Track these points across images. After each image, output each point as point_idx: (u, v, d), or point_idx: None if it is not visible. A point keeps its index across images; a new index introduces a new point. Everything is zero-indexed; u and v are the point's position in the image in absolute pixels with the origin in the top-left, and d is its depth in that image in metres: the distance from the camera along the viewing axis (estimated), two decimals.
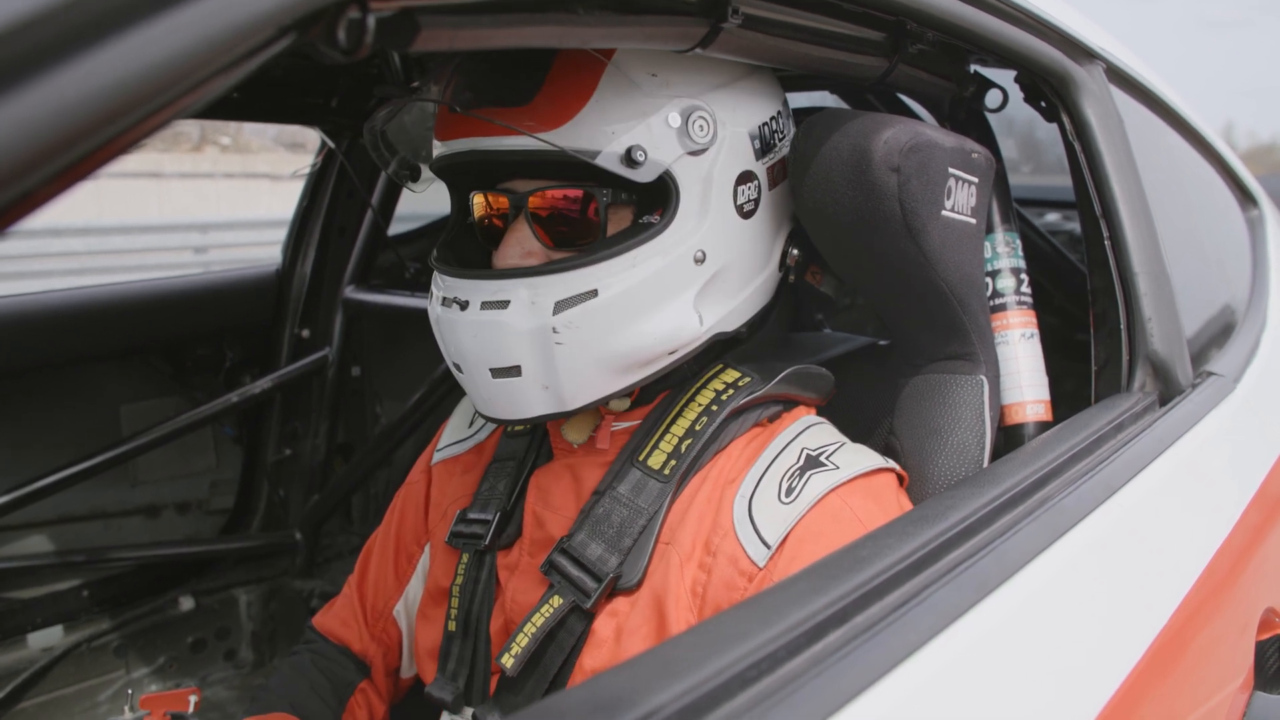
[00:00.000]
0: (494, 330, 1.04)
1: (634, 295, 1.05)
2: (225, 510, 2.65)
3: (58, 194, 0.49)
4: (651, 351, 1.08)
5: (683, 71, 1.08)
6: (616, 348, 1.06)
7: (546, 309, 1.03)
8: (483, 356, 1.06)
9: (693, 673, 0.66)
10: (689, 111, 1.07)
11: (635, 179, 1.04)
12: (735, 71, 1.14)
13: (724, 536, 1.06)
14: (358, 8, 0.61)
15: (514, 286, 1.04)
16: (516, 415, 1.10)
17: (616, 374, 1.08)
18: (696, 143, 1.07)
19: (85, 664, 2.31)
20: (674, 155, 1.06)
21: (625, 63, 1.05)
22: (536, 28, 0.79)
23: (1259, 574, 1.49)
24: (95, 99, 0.46)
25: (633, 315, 1.05)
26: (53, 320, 2.29)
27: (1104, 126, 1.43)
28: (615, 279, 1.04)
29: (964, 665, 0.81)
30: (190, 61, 0.50)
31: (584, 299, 1.03)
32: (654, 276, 1.05)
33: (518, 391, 1.07)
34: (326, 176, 2.58)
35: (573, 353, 1.04)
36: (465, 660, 1.23)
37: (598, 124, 1.03)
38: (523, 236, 1.10)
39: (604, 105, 1.03)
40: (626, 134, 1.03)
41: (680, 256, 1.07)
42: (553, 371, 1.05)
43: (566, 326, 1.03)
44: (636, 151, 1.03)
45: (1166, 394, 1.45)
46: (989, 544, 0.93)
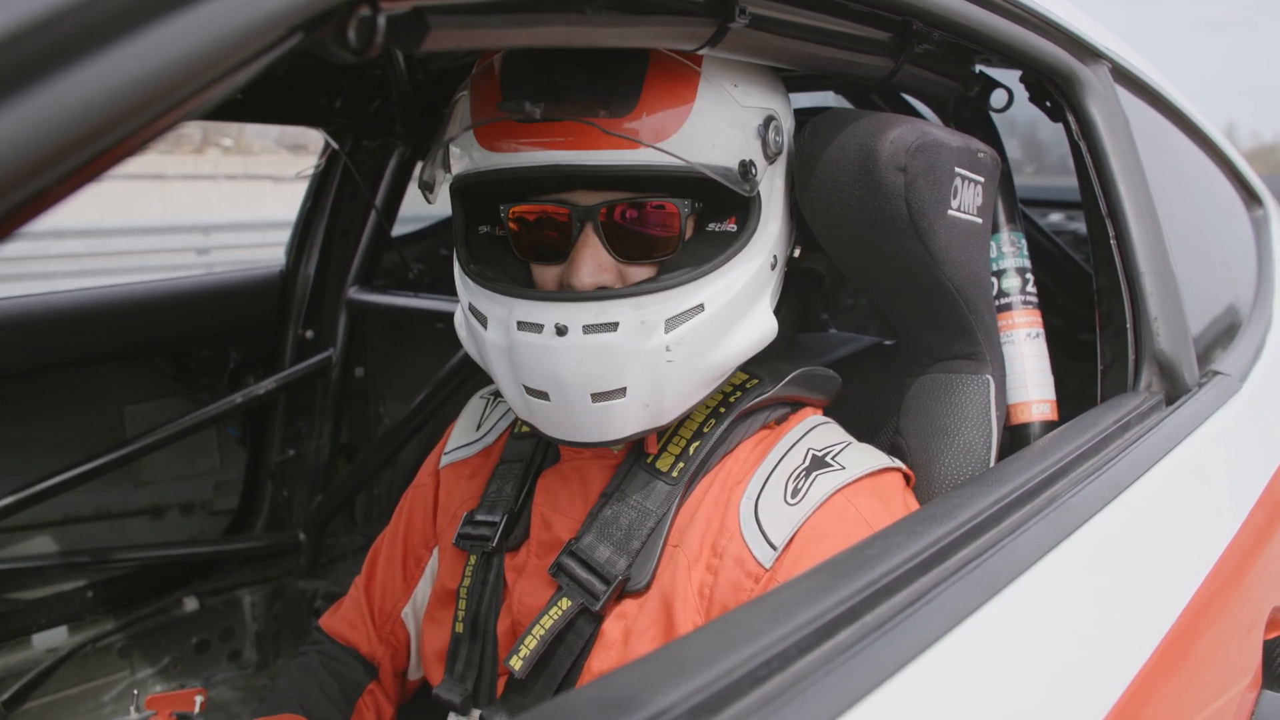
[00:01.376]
0: (604, 354, 1.00)
1: (733, 306, 1.05)
2: (229, 511, 2.65)
3: (68, 195, 0.49)
4: (741, 357, 1.09)
5: (755, 80, 1.09)
6: (718, 358, 1.06)
7: (658, 328, 1.00)
8: (585, 383, 1.01)
9: (703, 671, 0.66)
10: (769, 120, 1.08)
11: (745, 193, 1.03)
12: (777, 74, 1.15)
13: (730, 538, 1.06)
14: (369, 7, 0.60)
15: (620, 307, 1.00)
16: (609, 437, 1.05)
17: (710, 383, 1.09)
18: (774, 152, 1.08)
19: (90, 665, 2.31)
20: (764, 166, 1.07)
21: (713, 72, 1.03)
22: (545, 28, 0.79)
23: (1266, 572, 1.48)
24: (107, 100, 0.46)
25: (731, 325, 1.06)
26: (57, 321, 2.29)
27: (1109, 126, 1.43)
28: (717, 290, 1.03)
29: (974, 664, 0.81)
30: (202, 61, 0.50)
31: (693, 314, 1.02)
32: (747, 285, 1.06)
33: (617, 413, 1.03)
34: (330, 177, 2.58)
35: (681, 368, 1.03)
36: (473, 662, 1.23)
37: (706, 137, 1.01)
38: (596, 251, 1.04)
39: (705, 117, 1.01)
40: (734, 146, 1.03)
41: (762, 264, 1.09)
42: (659, 389, 1.03)
43: (678, 344, 1.02)
44: (751, 166, 1.03)
45: (1173, 393, 1.45)
46: (997, 543, 0.93)
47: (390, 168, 2.53)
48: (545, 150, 0.99)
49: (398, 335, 2.78)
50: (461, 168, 1.09)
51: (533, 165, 1.01)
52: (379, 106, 2.16)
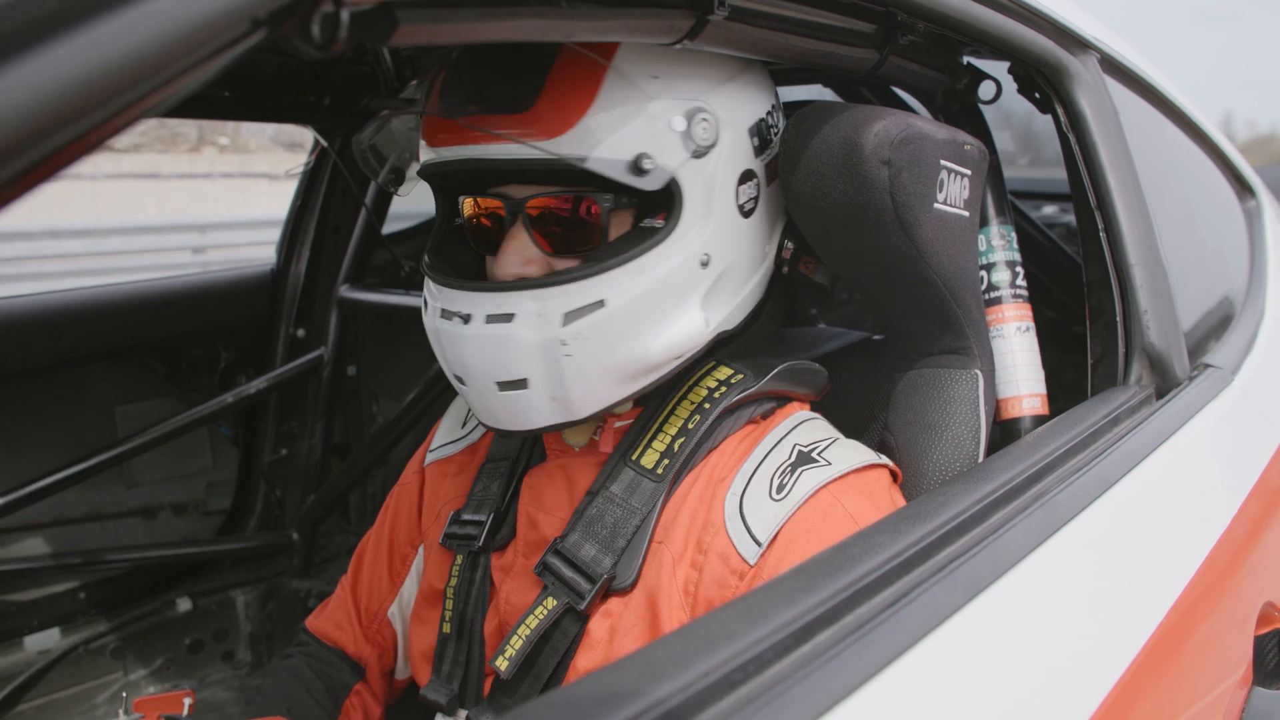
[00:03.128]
0: (500, 344, 1.02)
1: (642, 303, 1.03)
2: (222, 511, 2.64)
3: (18, 196, 0.48)
4: (660, 358, 1.07)
5: (684, 71, 1.06)
6: (625, 356, 1.04)
7: (554, 321, 1.01)
8: (488, 370, 1.04)
9: (679, 674, 0.65)
10: (693, 113, 1.05)
11: (642, 187, 1.02)
12: (732, 67, 1.12)
13: (715, 534, 1.05)
14: (331, 2, 0.59)
15: (519, 299, 1.01)
16: (523, 426, 1.07)
17: (624, 381, 1.07)
18: (700, 145, 1.05)
19: (82, 666, 2.30)
20: (679, 160, 1.04)
21: (626, 65, 1.02)
22: (519, 21, 0.78)
23: (1257, 568, 1.48)
24: (56, 95, 0.45)
25: (641, 323, 1.04)
26: (47, 322, 2.28)
27: (1098, 117, 1.42)
28: (622, 288, 1.02)
29: (956, 664, 0.80)
30: (157, 56, 0.49)
31: (592, 310, 1.01)
32: (661, 283, 1.04)
33: (525, 403, 1.05)
34: (320, 175, 2.57)
35: (581, 363, 1.02)
36: (460, 662, 1.23)
37: (602, 131, 1.00)
38: (522, 243, 1.06)
39: (607, 111, 1.00)
40: (631, 141, 1.01)
41: (686, 261, 1.06)
42: (561, 383, 1.03)
43: (575, 338, 1.01)
44: (644, 160, 1.01)
45: (1163, 387, 1.44)
46: (982, 541, 0.92)
47: None
48: (461, 146, 1.03)
49: (389, 333, 2.77)
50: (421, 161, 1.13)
51: (451, 159, 1.05)
52: (368, 103, 2.15)
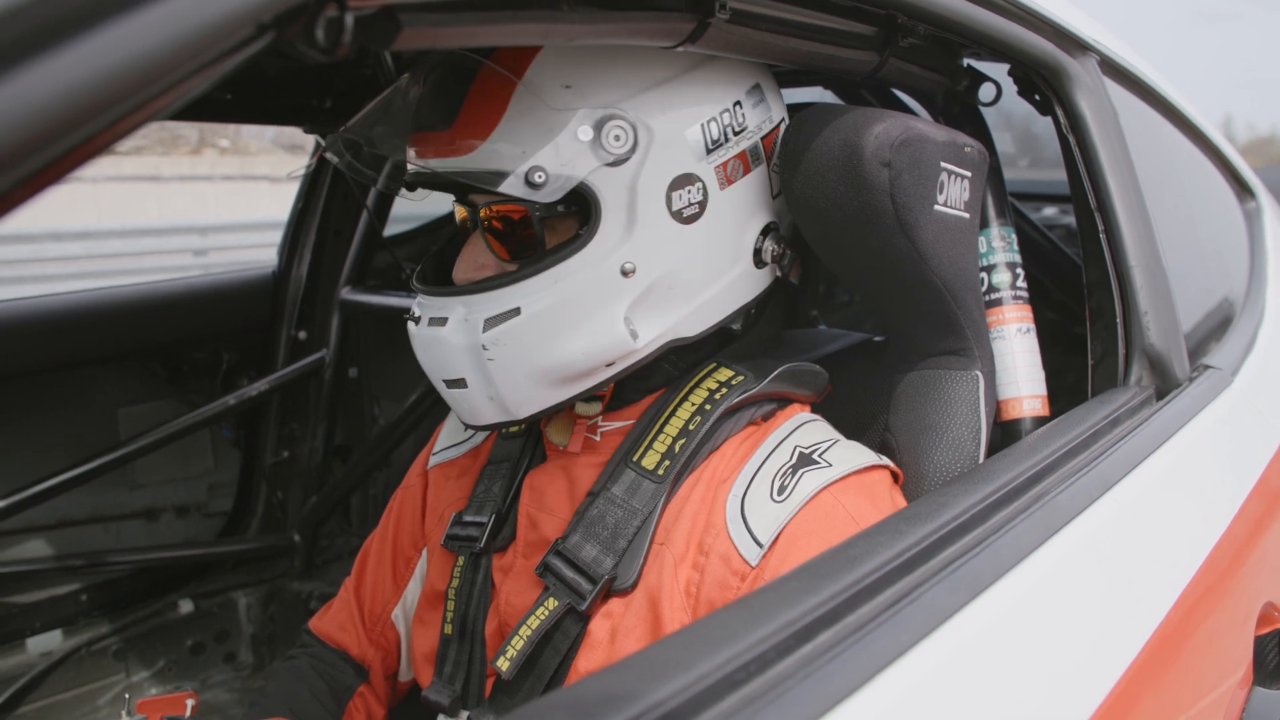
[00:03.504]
0: (437, 345, 1.08)
1: (556, 312, 1.04)
2: (224, 513, 2.65)
3: (27, 198, 0.49)
4: (582, 365, 1.07)
5: (603, 78, 1.05)
6: (543, 363, 1.06)
7: (477, 327, 1.05)
8: (434, 369, 1.11)
9: (681, 675, 0.65)
10: (603, 122, 1.04)
11: (537, 199, 1.04)
12: (673, 68, 1.09)
13: (716, 536, 1.05)
14: (336, 6, 0.60)
15: (452, 304, 1.07)
16: (475, 422, 1.13)
17: (553, 386, 1.08)
18: (613, 153, 1.04)
19: (85, 668, 2.31)
20: (588, 168, 1.03)
21: (537, 78, 1.04)
22: (520, 25, 0.79)
23: (1257, 568, 1.48)
24: (63, 100, 0.45)
25: (556, 332, 1.05)
26: (49, 324, 2.28)
27: (1098, 119, 1.42)
28: (536, 297, 1.04)
29: (957, 665, 0.81)
30: (164, 60, 0.49)
31: (508, 317, 1.04)
32: (576, 293, 1.05)
33: (469, 401, 1.10)
34: (321, 178, 2.57)
35: (504, 368, 1.06)
36: (461, 663, 1.23)
37: (505, 146, 1.03)
38: (477, 249, 1.12)
39: (512, 126, 1.03)
40: (534, 154, 1.03)
41: (605, 271, 1.05)
42: (492, 384, 1.07)
43: (495, 344, 1.05)
44: (535, 173, 1.02)
45: (1163, 388, 1.44)
46: (982, 541, 0.93)
47: None
48: (420, 159, 1.09)
49: (391, 335, 2.78)
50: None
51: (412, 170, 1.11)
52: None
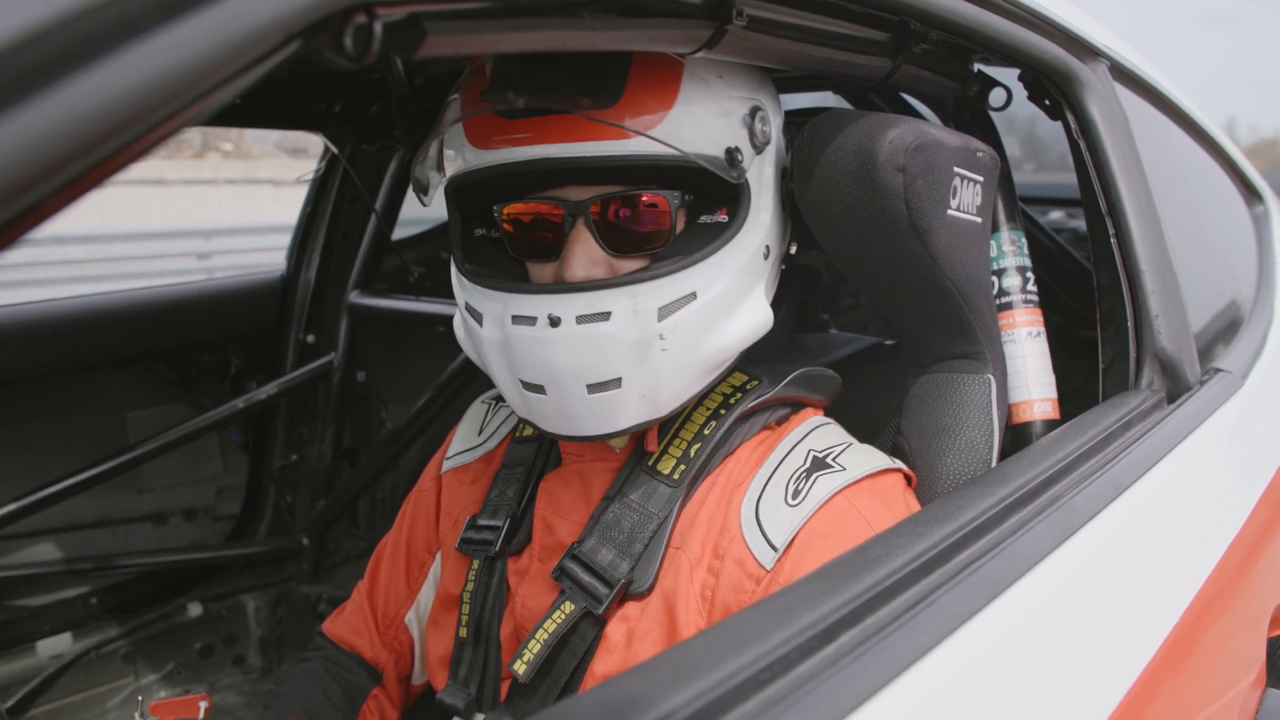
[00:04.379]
0: (597, 343, 1.00)
1: (726, 294, 1.06)
2: (232, 516, 2.65)
3: (68, 204, 0.49)
4: (736, 346, 1.10)
5: (740, 72, 1.09)
6: (714, 346, 1.06)
7: (651, 316, 1.01)
8: (580, 372, 1.01)
9: (706, 676, 0.65)
10: (755, 110, 1.08)
11: (732, 179, 1.04)
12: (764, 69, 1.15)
13: (731, 539, 1.05)
14: (365, 14, 0.61)
15: (613, 296, 1.00)
16: (607, 429, 1.06)
17: (707, 373, 1.09)
18: (760, 141, 1.09)
19: (94, 671, 2.31)
20: (750, 155, 1.08)
21: (697, 64, 1.04)
22: (542, 32, 0.79)
23: (1269, 571, 1.48)
24: (105, 109, 0.46)
25: (726, 314, 1.06)
26: (58, 329, 2.29)
27: (1109, 124, 1.42)
28: (709, 280, 1.04)
29: (977, 665, 0.81)
30: (199, 70, 0.50)
31: (685, 302, 1.02)
32: (739, 275, 1.07)
33: (614, 404, 1.03)
34: (330, 182, 2.58)
35: (675, 357, 1.03)
36: (476, 667, 1.23)
37: (690, 125, 1.02)
38: (588, 245, 1.04)
39: (691, 106, 1.02)
40: (720, 135, 1.04)
41: (754, 253, 1.09)
42: (654, 379, 1.03)
43: (671, 332, 1.02)
44: (737, 153, 1.04)
45: (1174, 391, 1.45)
46: (999, 544, 0.93)
47: (390, 171, 2.54)
48: (534, 145, 1.00)
49: (399, 339, 2.78)
50: (455, 168, 1.09)
51: (523, 160, 1.01)
52: (378, 110, 2.16)
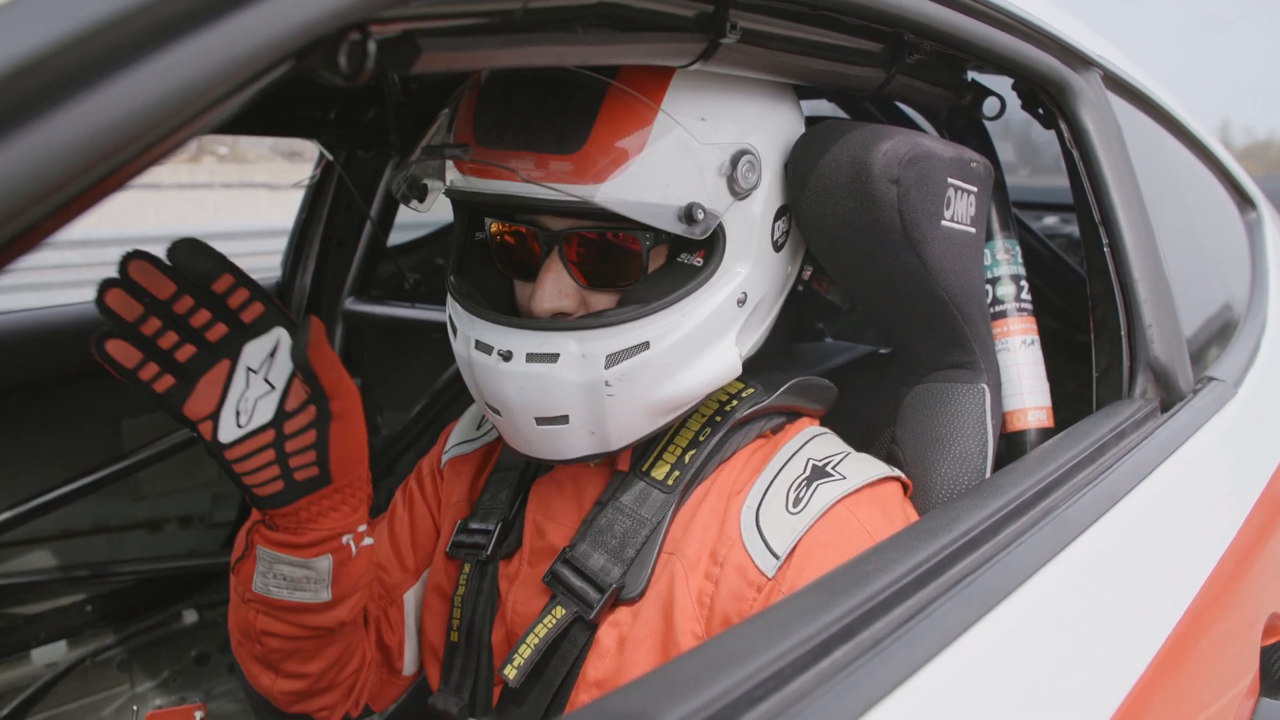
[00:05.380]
0: (543, 382, 1.01)
1: (684, 344, 1.04)
2: (228, 523, 2.64)
3: (65, 224, 0.50)
4: (696, 393, 1.08)
5: (730, 111, 1.06)
6: (666, 394, 1.05)
7: (598, 363, 1.01)
8: (528, 406, 1.03)
9: (701, 691, 0.66)
10: (738, 157, 1.04)
11: (692, 236, 1.01)
12: (772, 95, 1.12)
13: (731, 546, 1.06)
14: (359, 32, 0.61)
15: (563, 339, 1.01)
16: (558, 456, 1.08)
17: (661, 415, 1.08)
18: (744, 189, 1.05)
19: (89, 679, 2.30)
20: (725, 205, 1.04)
21: (675, 108, 1.01)
22: (536, 48, 0.79)
23: (1262, 580, 1.49)
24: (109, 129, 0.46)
25: (682, 363, 1.05)
26: (53, 336, 2.29)
27: (1102, 133, 1.43)
28: (665, 329, 1.02)
29: (970, 681, 0.81)
30: (193, 93, 0.50)
31: (636, 351, 1.02)
32: (702, 324, 1.05)
33: (562, 437, 1.05)
34: (325, 188, 2.58)
35: (623, 403, 1.03)
36: (469, 671, 1.23)
37: (651, 176, 0.99)
38: (558, 276, 1.05)
39: (657, 155, 0.99)
40: (682, 188, 1.01)
41: (725, 301, 1.07)
42: (601, 419, 1.04)
43: (619, 379, 1.01)
44: (696, 210, 1.00)
45: (1168, 400, 1.45)
46: (993, 557, 0.94)
47: (385, 178, 2.54)
48: (500, 181, 1.01)
49: (394, 345, 2.78)
50: (450, 181, 1.11)
51: (487, 193, 1.03)
52: (373, 117, 2.16)
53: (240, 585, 1.14)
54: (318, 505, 1.08)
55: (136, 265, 0.97)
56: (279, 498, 1.06)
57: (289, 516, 1.08)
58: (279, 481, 1.05)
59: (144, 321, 0.99)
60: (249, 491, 1.06)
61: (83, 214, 0.51)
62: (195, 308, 1.01)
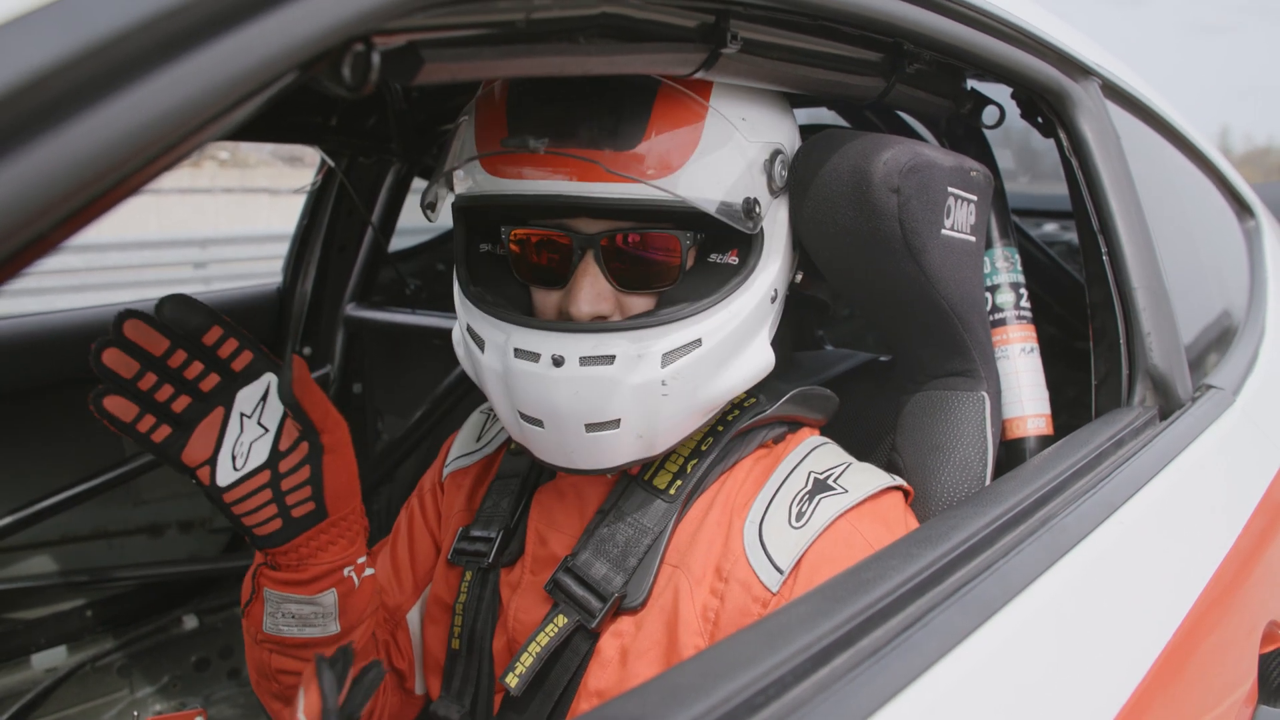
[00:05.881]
0: (599, 386, 1.00)
1: (729, 341, 1.05)
2: (228, 529, 2.64)
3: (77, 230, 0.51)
4: (737, 390, 1.09)
5: (763, 112, 1.09)
6: (714, 391, 1.06)
7: (654, 362, 1.01)
8: (580, 413, 1.01)
9: (701, 699, 0.66)
10: (775, 155, 1.08)
11: (747, 230, 1.03)
12: (782, 100, 1.15)
13: (735, 562, 1.06)
14: (363, 44, 0.61)
15: (617, 340, 1.00)
16: (601, 465, 1.06)
17: (703, 414, 1.09)
18: (779, 186, 1.09)
19: (89, 684, 2.30)
20: (767, 201, 1.07)
21: (722, 106, 1.03)
22: (538, 58, 0.80)
23: (1261, 588, 1.49)
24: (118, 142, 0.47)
25: (728, 359, 1.06)
26: (54, 341, 2.29)
27: (1100, 142, 1.44)
28: (717, 327, 1.04)
29: (970, 687, 0.82)
30: (198, 107, 0.51)
31: (690, 349, 1.02)
32: (745, 321, 1.06)
33: (610, 443, 1.04)
34: (326, 195, 2.59)
35: (676, 402, 1.03)
36: (470, 679, 1.23)
37: (710, 172, 1.01)
38: (595, 280, 1.04)
39: (711, 153, 1.01)
40: (738, 184, 1.03)
41: (763, 298, 1.09)
42: (652, 421, 1.03)
43: (674, 378, 1.02)
44: (754, 204, 1.02)
45: (1167, 408, 1.46)
46: (992, 565, 0.94)
47: (386, 184, 2.54)
48: (549, 180, 1.00)
49: (395, 351, 2.79)
50: (465, 189, 1.10)
51: (536, 194, 1.01)
52: (375, 123, 2.17)
53: (252, 628, 1.17)
54: (316, 540, 1.11)
55: (131, 325, 0.99)
56: (278, 535, 1.09)
57: (290, 554, 1.11)
58: (277, 520, 1.08)
59: (140, 377, 1.01)
60: (249, 532, 1.09)
61: (92, 222, 0.52)
62: (188, 360, 1.03)
